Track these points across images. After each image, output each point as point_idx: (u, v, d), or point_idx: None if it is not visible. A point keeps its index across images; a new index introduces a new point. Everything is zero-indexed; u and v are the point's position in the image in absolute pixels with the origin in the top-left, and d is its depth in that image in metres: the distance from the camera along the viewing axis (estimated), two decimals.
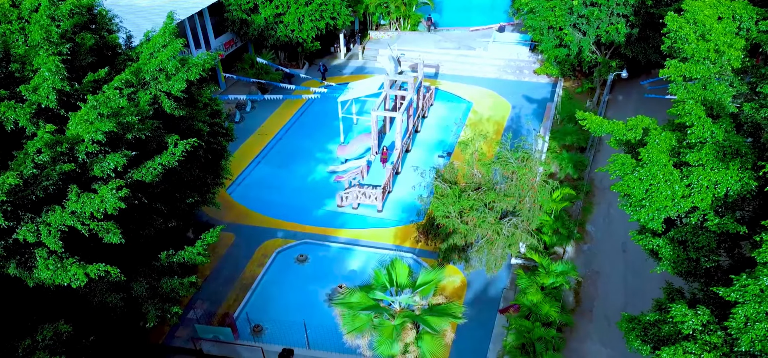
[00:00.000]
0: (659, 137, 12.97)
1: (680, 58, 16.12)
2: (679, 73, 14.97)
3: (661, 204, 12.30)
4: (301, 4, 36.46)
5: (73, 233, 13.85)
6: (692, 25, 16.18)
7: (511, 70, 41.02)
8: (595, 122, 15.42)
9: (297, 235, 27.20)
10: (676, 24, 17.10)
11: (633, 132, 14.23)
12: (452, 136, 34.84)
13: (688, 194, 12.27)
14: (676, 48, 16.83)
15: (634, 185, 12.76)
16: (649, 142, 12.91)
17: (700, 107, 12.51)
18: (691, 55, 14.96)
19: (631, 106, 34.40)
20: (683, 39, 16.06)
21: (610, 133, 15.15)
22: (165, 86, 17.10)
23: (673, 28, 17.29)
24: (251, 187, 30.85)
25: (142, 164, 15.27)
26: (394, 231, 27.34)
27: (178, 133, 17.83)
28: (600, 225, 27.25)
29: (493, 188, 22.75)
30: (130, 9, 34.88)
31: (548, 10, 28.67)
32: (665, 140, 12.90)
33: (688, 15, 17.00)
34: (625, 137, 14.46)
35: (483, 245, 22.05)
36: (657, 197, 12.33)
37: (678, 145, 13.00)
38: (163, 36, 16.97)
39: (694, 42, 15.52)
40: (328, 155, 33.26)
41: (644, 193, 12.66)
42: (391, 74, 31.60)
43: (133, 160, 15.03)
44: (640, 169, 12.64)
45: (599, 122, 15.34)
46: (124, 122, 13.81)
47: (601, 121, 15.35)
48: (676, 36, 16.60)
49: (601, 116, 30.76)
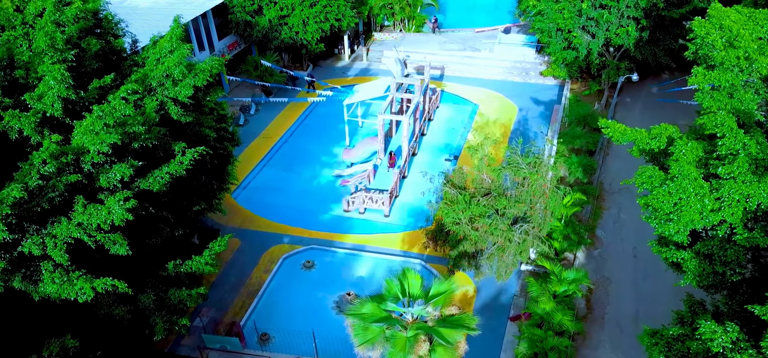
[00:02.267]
0: (685, 148, 12.58)
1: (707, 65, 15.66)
2: (708, 82, 14.55)
3: (690, 218, 11.92)
4: (306, 6, 36.12)
5: (79, 245, 13.52)
6: (719, 31, 15.75)
7: (518, 71, 40.65)
8: (617, 130, 15.02)
9: (303, 240, 26.87)
10: (703, 30, 16.57)
11: (656, 141, 13.84)
12: (459, 138, 34.49)
13: (718, 208, 11.90)
14: (701, 55, 16.39)
15: (663, 199, 12.35)
16: (676, 152, 12.51)
17: (731, 118, 12.11)
18: (721, 62, 14.52)
19: (640, 108, 34.08)
20: (710, 45, 15.62)
21: (632, 141, 14.75)
22: (172, 92, 16.76)
23: (700, 34, 16.75)
24: (256, 191, 30.51)
25: (148, 173, 14.94)
26: (402, 236, 26.99)
27: (185, 140, 17.51)
28: (610, 230, 26.89)
29: (504, 193, 22.40)
30: (133, 11, 34.57)
31: (557, 13, 28.28)
32: (691, 151, 12.51)
33: (714, 20, 16.50)
34: (649, 146, 14.06)
35: (494, 252, 21.70)
36: (686, 212, 11.94)
37: (705, 156, 12.61)
38: (169, 41, 16.63)
39: (721, 48, 15.07)
40: (333, 159, 32.92)
41: (672, 207, 12.27)
42: (397, 77, 31.24)
43: (139, 169, 14.69)
44: (670, 183, 12.22)
45: (622, 131, 14.95)
46: (130, 132, 13.46)
47: (623, 129, 14.95)
48: (703, 42, 16.15)
49: (610, 119, 30.50)
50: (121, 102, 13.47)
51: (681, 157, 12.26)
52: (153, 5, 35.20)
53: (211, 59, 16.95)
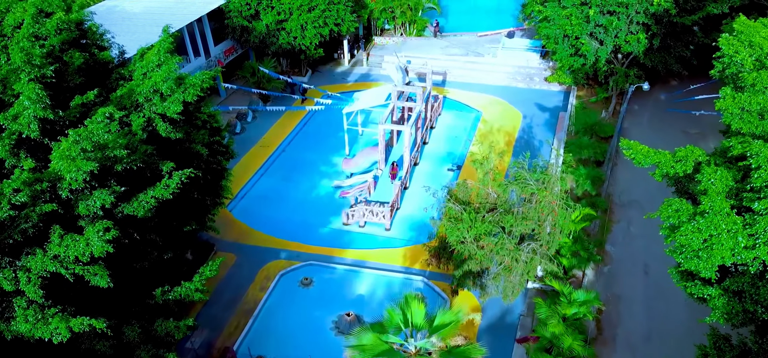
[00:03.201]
0: (714, 176, 11.59)
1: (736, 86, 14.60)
2: (738, 106, 13.49)
3: (721, 255, 10.94)
4: (304, 10, 35.12)
5: (56, 276, 12.54)
6: (748, 49, 14.72)
7: (522, 77, 39.65)
8: (640, 152, 13.99)
9: (301, 255, 25.88)
10: (732, 48, 15.46)
11: (682, 164, 12.83)
12: (462, 147, 33.49)
13: (752, 245, 10.92)
14: (729, 74, 15.35)
15: (692, 236, 11.35)
16: (704, 181, 11.52)
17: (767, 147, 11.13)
18: (752, 83, 13.49)
19: (648, 117, 33.05)
20: (739, 65, 14.59)
21: (655, 164, 13.74)
22: (160, 108, 15.79)
23: (728, 52, 15.63)
24: (253, 203, 29.52)
25: (133, 197, 13.95)
26: (403, 252, 26.00)
27: (175, 158, 16.53)
28: (620, 245, 25.89)
29: (510, 209, 21.41)
30: (125, 16, 33.62)
31: (564, 19, 27.28)
32: (721, 179, 11.51)
33: (743, 37, 15.41)
34: (673, 171, 13.05)
35: (500, 272, 20.70)
36: (718, 250, 10.95)
37: (736, 186, 11.62)
38: (157, 54, 15.64)
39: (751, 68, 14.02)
40: (332, 169, 31.93)
41: (702, 243, 11.27)
42: (398, 85, 30.23)
43: (123, 192, 13.70)
44: (700, 218, 11.21)
45: (644, 152, 13.94)
46: (111, 155, 12.47)
47: (646, 151, 13.94)
48: (731, 61, 15.11)
49: (619, 129, 29.51)
50: (99, 125, 12.47)
51: (710, 186, 11.26)
52: (146, 10, 34.21)
53: (202, 73, 15.97)
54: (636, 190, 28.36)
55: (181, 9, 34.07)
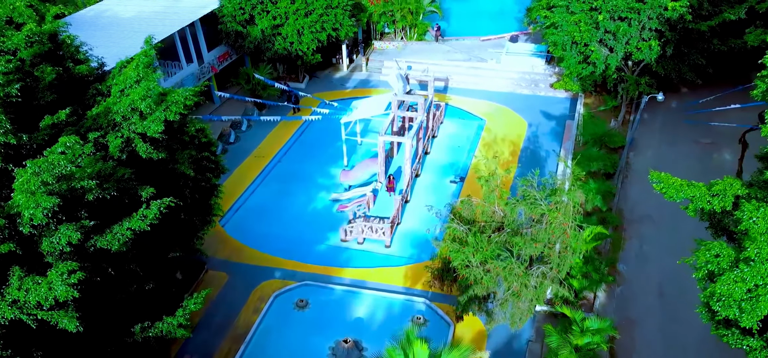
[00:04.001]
0: (756, 214, 10.27)
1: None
2: None
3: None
4: (301, 15, 33.78)
5: (17, 322, 11.22)
6: None
7: (526, 83, 38.33)
8: (672, 186, 12.62)
9: (296, 275, 24.57)
10: None
11: (719, 200, 11.53)
12: (465, 157, 32.18)
13: None
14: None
15: (734, 286, 10.02)
16: (745, 221, 10.22)
17: None
18: None
19: (659, 126, 31.69)
20: None
21: (688, 199, 12.42)
22: (139, 127, 14.47)
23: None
24: (247, 218, 28.19)
25: (108, 229, 12.62)
26: (405, 271, 24.69)
27: (158, 180, 15.22)
28: (632, 264, 24.56)
29: (518, 230, 20.09)
30: (113, 21, 32.35)
31: (572, 25, 25.93)
32: (764, 218, 10.16)
33: None
34: (709, 206, 11.74)
35: (508, 297, 19.38)
36: (764, 302, 9.64)
37: None
38: (136, 69, 14.30)
39: None
40: (330, 181, 30.59)
41: (745, 294, 9.97)
42: (399, 94, 28.90)
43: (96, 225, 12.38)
44: (744, 266, 9.90)
45: (677, 187, 12.59)
46: (78, 187, 11.15)
47: (679, 185, 12.60)
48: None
49: (631, 141, 28.16)
50: (60, 156, 11.13)
51: (752, 226, 9.96)
52: (137, 15, 32.90)
53: (185, 90, 14.64)
54: (648, 204, 27.04)
55: (173, 14, 32.76)
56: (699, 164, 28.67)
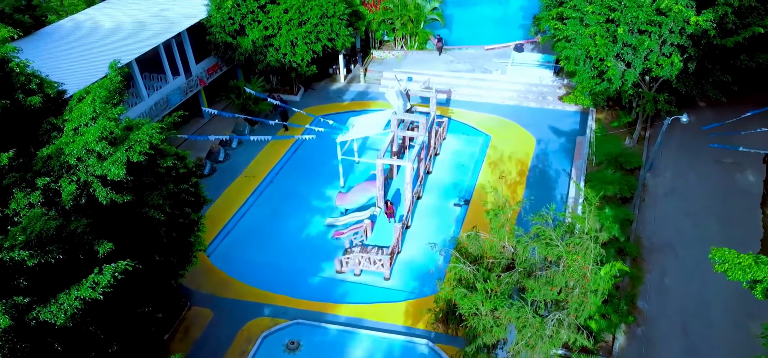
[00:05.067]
0: None
1: None
2: None
3: None
4: (294, 25, 31.74)
5: None
6: None
7: (533, 96, 36.30)
8: (738, 266, 10.62)
9: (288, 312, 22.56)
10: None
11: None
12: (470, 177, 30.16)
13: None
14: None
15: None
16: None
17: None
18: None
19: (677, 144, 29.63)
20: None
21: (760, 279, 10.45)
22: (98, 170, 12.46)
23: None
24: (235, 246, 26.15)
25: (52, 299, 10.60)
26: (405, 307, 22.66)
27: (123, 227, 13.22)
28: (653, 300, 22.51)
29: (531, 270, 18.09)
30: (95, 32, 30.35)
31: (587, 38, 23.89)
32: None
33: None
34: None
35: (520, 349, 17.35)
36: None
37: None
38: (91, 104, 12.27)
39: None
40: (325, 204, 28.56)
41: None
42: (399, 112, 26.89)
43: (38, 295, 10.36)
44: None
45: (745, 266, 10.61)
46: (6, 259, 9.14)
47: (747, 263, 10.61)
48: None
49: (650, 163, 26.08)
50: None
51: None
52: (119, 26, 30.88)
53: (150, 127, 12.62)
54: (667, 231, 25.04)
55: (158, 24, 30.74)
56: (721, 186, 26.67)
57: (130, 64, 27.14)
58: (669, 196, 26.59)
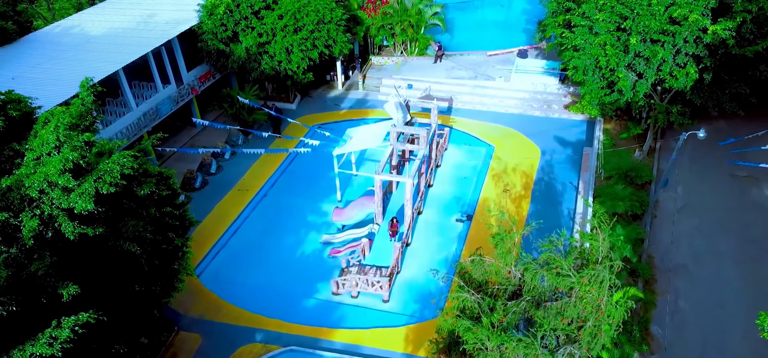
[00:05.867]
0: None
1: None
2: None
3: None
4: (289, 31, 30.47)
5: None
6: None
7: (538, 104, 35.05)
8: None
9: (281, 338, 21.34)
10: None
11: None
12: (472, 190, 28.90)
13: None
14: None
15: None
16: None
17: None
18: None
19: (689, 157, 28.34)
20: None
21: None
22: (64, 203, 11.21)
23: None
24: (226, 265, 24.89)
25: (4, 354, 9.36)
26: (405, 332, 21.42)
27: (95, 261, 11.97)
28: (668, 325, 21.24)
29: (540, 299, 16.86)
30: (82, 39, 29.11)
31: (597, 48, 22.64)
32: None
33: None
34: None
35: None
36: None
37: None
38: (54, 131, 11.01)
39: None
40: (321, 219, 27.30)
41: None
42: (398, 124, 25.64)
43: None
44: None
45: None
46: None
47: None
48: None
49: (666, 182, 24.80)
50: None
51: None
52: (108, 32, 29.63)
53: (120, 155, 11.36)
54: (681, 250, 23.78)
55: (147, 31, 29.50)
56: (736, 201, 25.39)
57: (117, 73, 25.91)
58: (682, 212, 25.33)
